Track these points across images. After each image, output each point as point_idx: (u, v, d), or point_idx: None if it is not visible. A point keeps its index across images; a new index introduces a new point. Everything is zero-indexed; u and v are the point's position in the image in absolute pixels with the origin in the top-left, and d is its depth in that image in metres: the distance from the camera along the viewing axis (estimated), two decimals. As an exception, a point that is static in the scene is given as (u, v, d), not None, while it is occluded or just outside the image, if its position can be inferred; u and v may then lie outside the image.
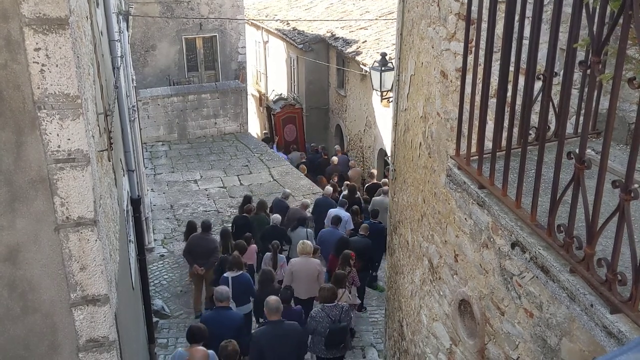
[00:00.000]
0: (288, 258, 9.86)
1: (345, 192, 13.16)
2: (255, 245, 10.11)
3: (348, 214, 11.21)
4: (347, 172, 16.36)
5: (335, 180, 14.97)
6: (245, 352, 6.58)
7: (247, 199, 12.17)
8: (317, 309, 7.30)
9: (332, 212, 10.91)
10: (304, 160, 18.40)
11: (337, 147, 19.56)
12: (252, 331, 7.44)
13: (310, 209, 12.11)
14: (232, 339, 6.28)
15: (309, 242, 9.09)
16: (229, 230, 10.87)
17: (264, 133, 22.82)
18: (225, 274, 8.24)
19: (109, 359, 3.74)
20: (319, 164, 17.62)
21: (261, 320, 7.59)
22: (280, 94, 23.64)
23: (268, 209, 12.03)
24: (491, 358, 4.05)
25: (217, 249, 9.79)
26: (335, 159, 17.02)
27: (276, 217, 10.73)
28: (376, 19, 20.41)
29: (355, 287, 8.90)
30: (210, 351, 6.06)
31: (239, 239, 9.92)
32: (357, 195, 13.22)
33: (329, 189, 12.71)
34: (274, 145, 21.02)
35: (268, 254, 9.65)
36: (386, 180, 13.30)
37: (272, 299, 6.76)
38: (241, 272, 8.19)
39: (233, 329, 6.80)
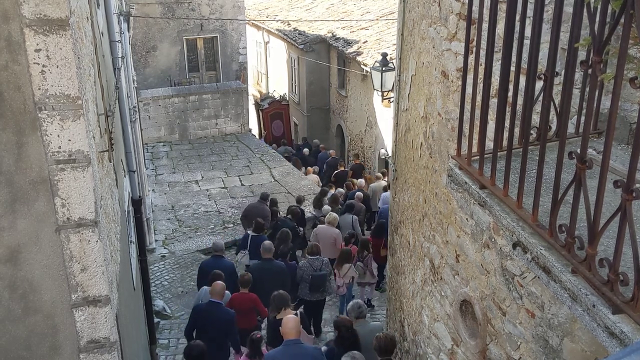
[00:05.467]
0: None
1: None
2: None
3: None
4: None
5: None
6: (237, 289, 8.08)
7: (323, 192, 12.99)
8: (303, 261, 8.94)
9: (385, 195, 12.16)
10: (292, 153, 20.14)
11: (316, 141, 20.72)
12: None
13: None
14: (225, 278, 7.84)
15: (335, 214, 10.73)
16: (276, 200, 12.68)
17: (248, 130, 23.05)
18: (248, 231, 10.07)
19: (110, 360, 3.74)
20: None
21: (299, 263, 9.24)
22: (268, 93, 24.04)
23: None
24: (493, 358, 4.05)
25: (268, 217, 11.06)
26: (306, 150, 19.48)
27: (326, 208, 11.80)
28: (377, 19, 20.42)
29: (374, 267, 9.91)
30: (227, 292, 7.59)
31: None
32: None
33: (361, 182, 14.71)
34: (262, 140, 21.78)
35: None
36: (379, 174, 15.46)
37: (267, 242, 8.80)
38: (261, 234, 9.75)
39: (225, 271, 8.21)
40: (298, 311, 7.12)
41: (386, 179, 14.12)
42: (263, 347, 6.65)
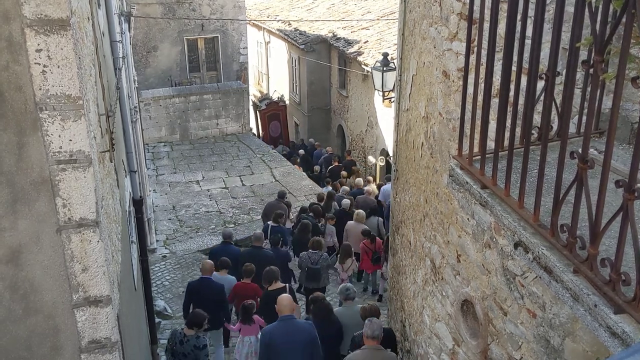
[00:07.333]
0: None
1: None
2: None
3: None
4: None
5: None
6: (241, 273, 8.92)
7: (331, 195, 13.40)
8: (304, 253, 9.69)
9: (386, 188, 12.64)
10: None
11: (311, 140, 21.21)
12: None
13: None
14: (232, 264, 8.89)
15: (362, 212, 11.26)
16: (290, 203, 13.30)
17: (249, 130, 23.23)
18: (268, 222, 10.96)
19: (111, 360, 3.74)
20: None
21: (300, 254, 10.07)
22: (267, 94, 24.19)
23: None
24: (494, 358, 4.05)
25: (285, 211, 11.94)
26: (301, 151, 19.89)
27: (345, 202, 12.24)
28: (378, 19, 20.41)
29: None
30: (232, 277, 8.71)
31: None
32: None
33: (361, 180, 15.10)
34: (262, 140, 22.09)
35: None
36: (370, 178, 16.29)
37: (258, 232, 10.01)
38: (278, 224, 10.75)
39: (232, 257, 9.20)
40: (287, 285, 8.00)
41: (372, 185, 14.65)
42: (255, 315, 7.64)
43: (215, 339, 8.48)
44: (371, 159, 18.52)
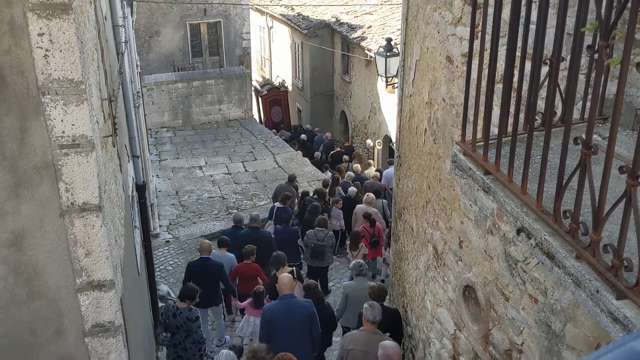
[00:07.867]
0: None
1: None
2: None
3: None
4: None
5: None
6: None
7: (335, 180, 13.78)
8: (310, 231, 9.90)
9: (389, 172, 12.89)
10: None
11: (308, 126, 21.41)
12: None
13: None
14: (238, 245, 9.08)
15: (372, 195, 11.37)
16: (297, 185, 13.73)
17: (252, 116, 23.27)
18: (275, 204, 11.27)
19: (115, 344, 3.77)
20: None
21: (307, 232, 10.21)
22: (268, 79, 24.50)
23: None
24: (495, 343, 4.06)
25: (295, 195, 12.34)
26: (303, 136, 19.89)
27: (352, 190, 12.29)
28: (381, 4, 20.29)
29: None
30: (231, 254, 8.90)
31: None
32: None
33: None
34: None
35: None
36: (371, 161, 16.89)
37: (254, 213, 10.28)
38: (285, 206, 10.91)
39: (237, 239, 9.42)
40: (293, 269, 8.17)
41: (372, 169, 14.87)
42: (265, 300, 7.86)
43: (215, 315, 8.85)
44: (369, 142, 18.57)
